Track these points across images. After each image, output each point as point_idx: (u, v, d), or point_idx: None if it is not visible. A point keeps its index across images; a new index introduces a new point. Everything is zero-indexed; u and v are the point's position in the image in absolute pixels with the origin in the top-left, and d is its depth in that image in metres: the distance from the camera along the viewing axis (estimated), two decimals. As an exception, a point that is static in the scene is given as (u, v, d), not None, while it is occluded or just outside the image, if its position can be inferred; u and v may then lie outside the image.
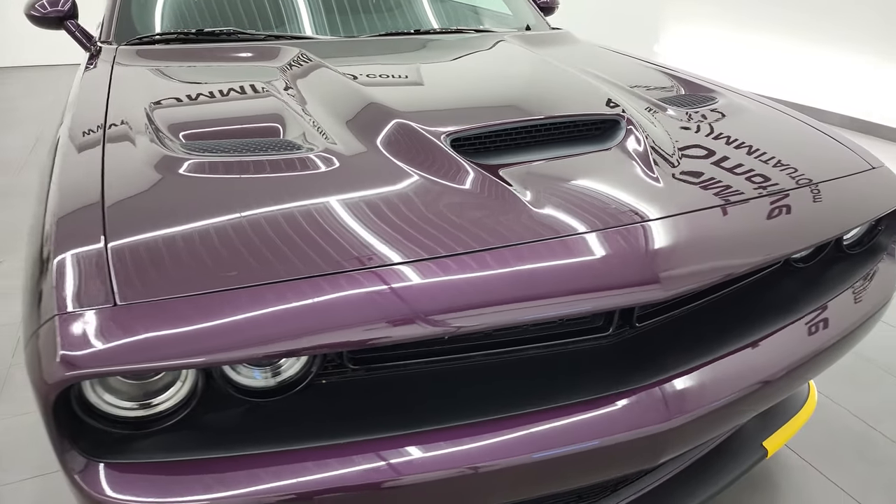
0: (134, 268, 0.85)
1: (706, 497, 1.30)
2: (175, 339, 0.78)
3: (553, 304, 0.89)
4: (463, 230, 0.94)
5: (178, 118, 1.29)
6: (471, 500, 0.93)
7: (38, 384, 0.78)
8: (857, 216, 1.22)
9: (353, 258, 0.88)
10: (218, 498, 0.83)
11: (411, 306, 0.84)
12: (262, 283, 0.83)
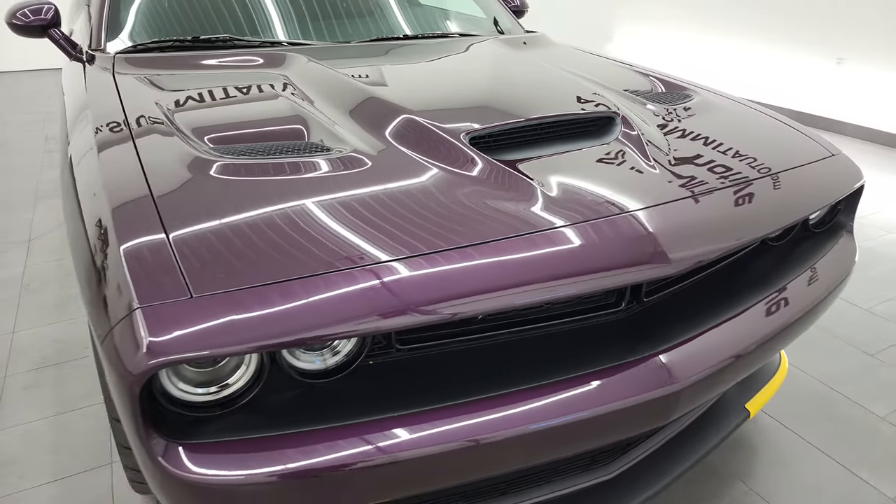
0: (200, 261, 0.92)
1: (700, 456, 1.44)
2: (247, 325, 0.86)
3: (582, 281, 1.00)
4: (498, 219, 1.04)
5: (201, 123, 1.35)
6: (512, 462, 1.03)
7: (123, 376, 0.84)
8: (823, 198, 1.38)
9: (403, 246, 0.97)
10: (282, 470, 0.90)
11: (463, 287, 0.94)
12: (319, 273, 0.92)
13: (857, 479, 1.66)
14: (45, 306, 2.41)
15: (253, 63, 1.77)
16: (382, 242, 0.98)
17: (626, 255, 1.04)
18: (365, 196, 1.09)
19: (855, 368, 2.10)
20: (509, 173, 1.16)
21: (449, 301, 0.93)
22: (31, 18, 2.04)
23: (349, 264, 0.93)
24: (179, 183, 1.10)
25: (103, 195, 1.07)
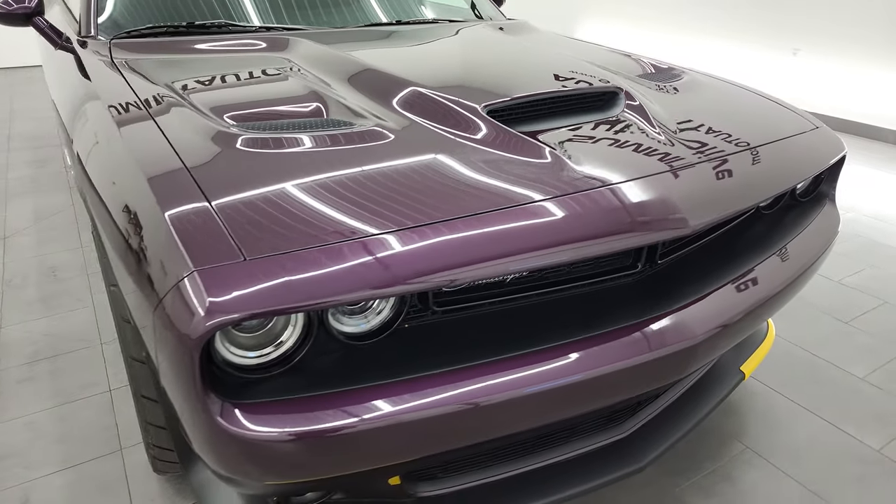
0: (247, 226, 0.94)
1: (704, 414, 1.51)
2: (299, 285, 0.88)
3: (610, 240, 1.05)
4: (528, 185, 1.09)
5: (217, 102, 1.36)
6: (545, 416, 1.08)
7: (182, 340, 0.85)
8: (814, 165, 1.47)
9: (441, 211, 1.00)
10: (330, 427, 0.93)
11: (501, 248, 0.98)
12: (362, 236, 0.95)
13: (845, 434, 1.76)
14: (30, 301, 2.35)
15: (255, 47, 1.78)
16: (420, 207, 1.01)
17: (647, 216, 1.10)
18: (396, 166, 1.12)
19: (832, 335, 2.23)
20: (532, 143, 1.21)
21: (489, 261, 0.97)
22: (14, 7, 2.00)
23: (391, 227, 0.97)
24: (211, 156, 1.11)
25: (137, 171, 1.07)
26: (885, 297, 2.50)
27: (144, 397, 1.25)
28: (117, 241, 1.08)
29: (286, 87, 1.46)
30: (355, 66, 1.56)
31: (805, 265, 1.45)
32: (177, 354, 0.88)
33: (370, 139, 1.20)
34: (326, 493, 1.19)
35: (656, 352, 1.12)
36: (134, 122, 1.24)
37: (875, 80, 4.91)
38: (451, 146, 1.19)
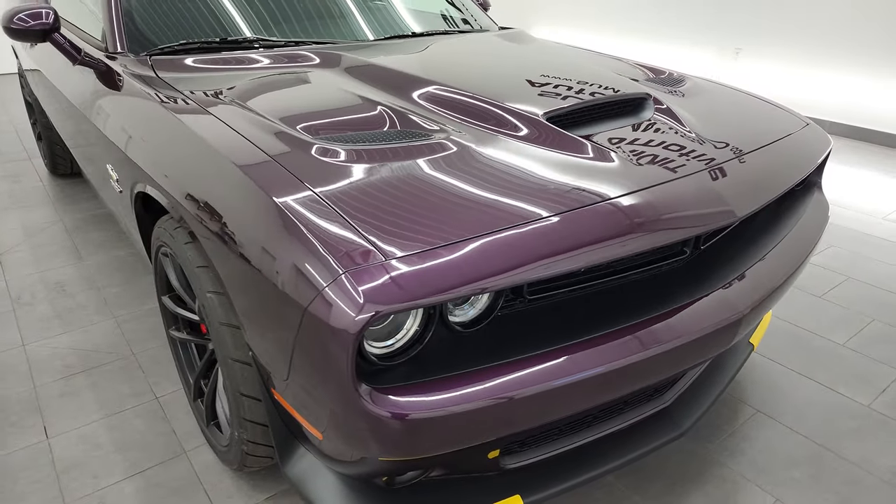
0: (377, 231, 1.05)
1: (728, 382, 1.70)
2: (431, 280, 1.00)
3: (679, 231, 1.21)
4: (602, 183, 1.24)
5: (285, 114, 1.44)
6: (625, 386, 1.23)
7: (338, 335, 0.95)
8: (813, 158, 1.68)
9: (539, 207, 1.14)
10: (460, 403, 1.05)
11: (597, 236, 1.12)
12: (479, 235, 1.07)
13: (837, 394, 2.00)
14: (46, 318, 2.34)
15: (297, 61, 1.85)
16: (518, 206, 1.14)
17: (705, 208, 1.27)
18: (484, 170, 1.24)
19: (809, 308, 2.49)
20: (593, 145, 1.36)
21: (585, 251, 1.12)
22: (31, 23, 1.99)
23: (501, 225, 1.09)
24: (322, 170, 1.20)
25: (259, 193, 1.14)
26: (848, 273, 2.80)
27: (244, 395, 1.33)
28: (235, 255, 1.15)
29: (345, 99, 1.56)
30: (409, 79, 1.67)
31: (811, 243, 1.66)
32: (330, 349, 0.98)
33: (451, 147, 1.32)
34: (425, 471, 1.30)
35: (712, 324, 1.29)
36: (233, 145, 1.31)
37: (815, 77, 5.33)
38: (525, 152, 1.33)
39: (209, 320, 1.33)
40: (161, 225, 1.52)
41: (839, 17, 4.99)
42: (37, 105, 3.33)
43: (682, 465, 1.70)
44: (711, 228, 1.27)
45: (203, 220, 1.25)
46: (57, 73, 2.27)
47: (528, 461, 1.36)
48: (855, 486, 1.65)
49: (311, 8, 2.22)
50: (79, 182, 3.67)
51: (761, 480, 1.66)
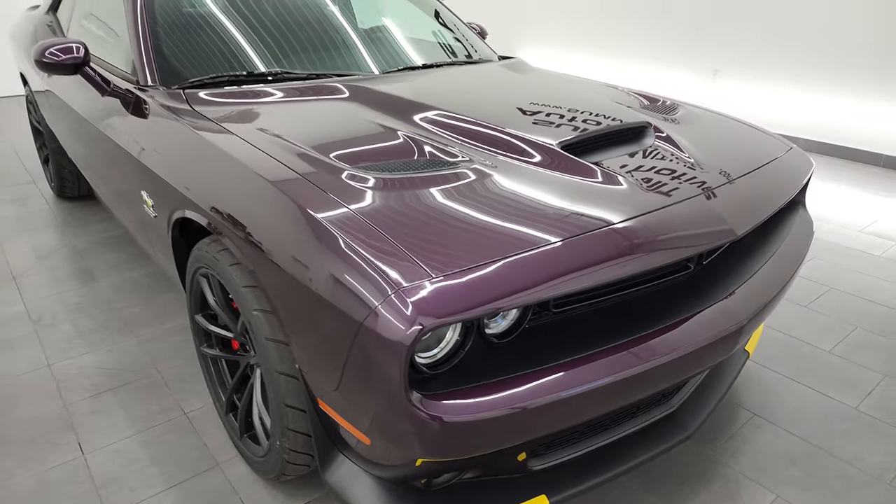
0: (423, 251, 1.16)
1: (727, 387, 1.83)
2: (475, 295, 1.11)
3: (683, 248, 1.34)
4: (617, 205, 1.37)
5: (317, 143, 1.56)
6: (641, 390, 1.35)
7: (393, 347, 1.06)
8: (800, 179, 1.83)
9: (562, 229, 1.26)
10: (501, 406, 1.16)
11: (613, 255, 1.25)
12: (516, 253, 1.19)
13: (827, 397, 2.14)
14: (68, 338, 2.41)
15: (321, 93, 1.97)
16: (543, 228, 1.27)
17: (710, 227, 1.40)
18: (511, 195, 1.37)
19: (797, 317, 2.64)
20: (604, 171, 1.49)
21: (608, 264, 1.24)
22: (62, 57, 2.10)
23: (527, 246, 1.21)
24: (364, 196, 1.32)
25: (312, 219, 1.25)
26: (830, 284, 2.96)
27: (289, 406, 1.42)
28: (286, 275, 1.26)
29: (377, 130, 1.68)
30: (431, 110, 1.80)
31: (799, 256, 1.81)
32: (385, 359, 1.08)
33: (478, 175, 1.45)
34: (460, 472, 1.41)
35: (717, 332, 1.42)
36: (277, 172, 1.42)
37: (789, 97, 5.58)
38: (544, 178, 1.46)
39: (255, 336, 1.43)
40: (201, 247, 1.62)
41: (810, 40, 5.25)
42: (47, 131, 3.41)
43: (689, 466, 1.82)
44: (714, 246, 1.41)
45: (252, 243, 1.36)
46: (83, 102, 2.36)
47: (553, 463, 1.47)
48: (848, 482, 1.78)
49: (329, 42, 2.35)
50: (86, 205, 3.73)
51: (762, 479, 1.79)
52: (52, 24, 3.15)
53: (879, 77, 4.92)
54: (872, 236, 3.55)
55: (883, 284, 2.96)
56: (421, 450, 1.16)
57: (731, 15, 5.81)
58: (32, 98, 3.50)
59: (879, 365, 2.33)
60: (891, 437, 1.96)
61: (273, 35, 2.25)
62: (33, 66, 2.88)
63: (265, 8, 2.35)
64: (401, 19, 2.72)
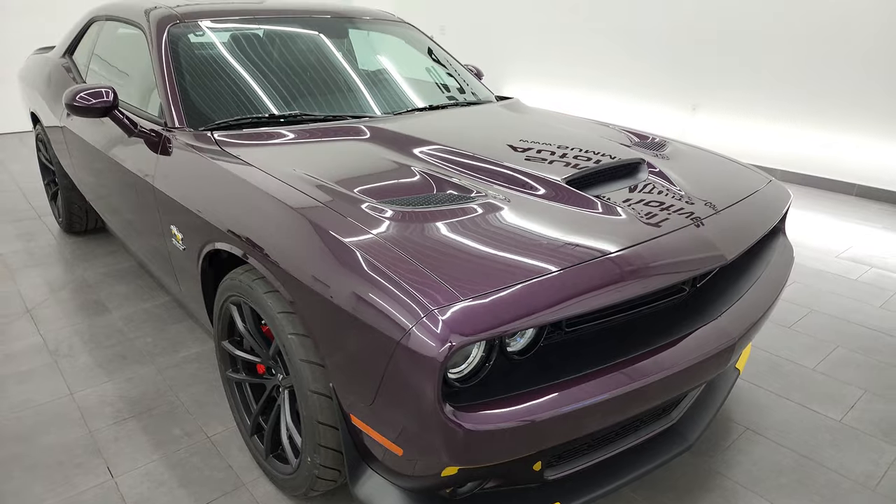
0: (451, 276, 1.30)
1: (722, 401, 1.96)
2: (501, 315, 1.25)
3: (679, 272, 1.49)
4: (616, 235, 1.52)
5: (341, 179, 1.70)
6: (648, 401, 1.48)
7: (428, 363, 1.19)
8: (779, 209, 2.01)
9: (573, 255, 1.41)
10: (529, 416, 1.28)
11: (619, 279, 1.39)
12: (535, 277, 1.33)
13: (813, 411, 2.29)
14: (88, 368, 2.49)
15: (339, 133, 2.12)
16: (555, 255, 1.41)
17: (703, 252, 1.56)
18: (524, 225, 1.51)
19: (782, 337, 2.80)
20: (606, 204, 1.65)
21: (615, 286, 1.38)
22: (92, 101, 2.23)
23: (549, 270, 1.35)
24: (387, 226, 1.46)
25: (350, 249, 1.39)
26: (811, 306, 3.14)
27: (321, 423, 1.53)
28: (324, 300, 1.39)
29: (396, 167, 1.83)
30: (446, 150, 1.95)
31: (782, 279, 1.97)
32: (420, 375, 1.21)
33: (494, 207, 1.59)
34: (482, 483, 1.52)
35: (712, 348, 1.56)
36: (304, 205, 1.56)
37: (765, 130, 5.86)
38: (552, 210, 1.61)
39: (290, 358, 1.54)
40: (234, 277, 1.74)
41: (785, 77, 5.55)
42: (58, 167, 3.52)
43: (689, 477, 1.94)
44: (707, 269, 1.56)
45: (289, 272, 1.48)
46: (107, 142, 2.49)
47: (567, 472, 1.59)
48: (835, 489, 1.92)
49: (344, 86, 2.51)
50: (92, 239, 3.82)
51: (756, 488, 1.91)
52: (68, 67, 3.29)
53: (851, 111, 5.22)
54: (849, 261, 3.75)
55: (860, 306, 3.14)
56: (450, 457, 1.27)
57: (709, 52, 6.12)
58: (44, 136, 3.61)
59: (860, 381, 2.49)
60: (874, 448, 2.10)
61: (291, 80, 2.41)
62: (64, 109, 3.00)
63: (282, 55, 2.52)
64: (406, 64, 2.90)
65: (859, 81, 5.08)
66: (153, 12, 2.51)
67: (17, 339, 2.69)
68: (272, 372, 1.84)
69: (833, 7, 5.11)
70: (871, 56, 4.98)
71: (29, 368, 2.48)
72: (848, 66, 5.12)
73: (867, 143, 5.16)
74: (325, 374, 1.52)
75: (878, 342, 2.80)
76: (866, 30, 4.96)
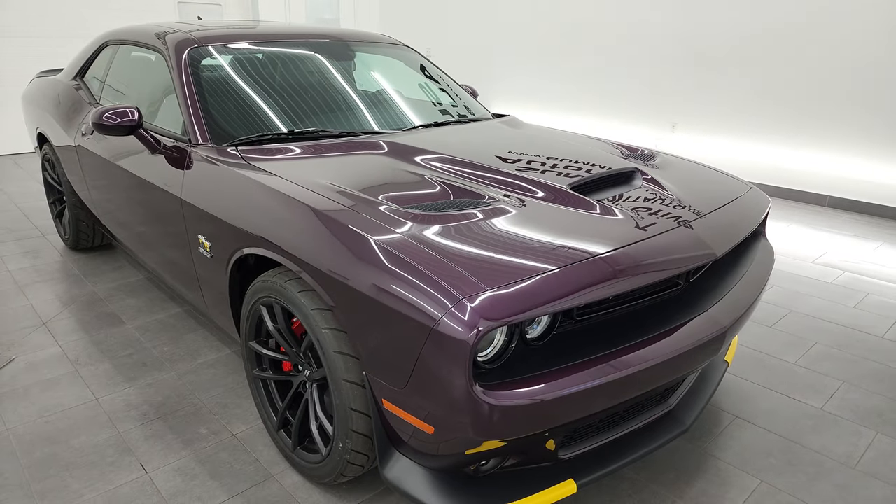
0: (474, 268, 1.45)
1: (713, 390, 2.13)
2: (522, 303, 1.41)
3: (674, 267, 1.67)
4: (621, 233, 1.69)
5: (363, 188, 1.86)
6: (650, 384, 1.64)
7: (461, 346, 1.34)
8: (759, 213, 2.20)
9: (584, 251, 1.58)
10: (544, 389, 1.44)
11: (623, 272, 1.56)
12: (546, 271, 1.49)
13: (795, 400, 2.47)
14: (109, 375, 2.58)
15: (356, 148, 2.29)
16: (567, 251, 1.58)
17: (697, 249, 1.73)
18: (537, 224, 1.68)
19: (764, 336, 2.99)
20: (607, 207, 1.83)
21: (621, 279, 1.55)
22: (118, 120, 2.36)
23: (561, 262, 1.52)
24: (412, 227, 1.62)
25: (382, 250, 1.54)
26: (790, 307, 3.34)
27: (354, 410, 1.67)
28: (359, 295, 1.53)
29: (414, 178, 1.99)
30: (456, 161, 2.12)
31: (765, 275, 2.16)
32: (452, 357, 1.36)
33: (508, 210, 1.76)
34: (504, 460, 1.66)
35: (706, 335, 1.73)
36: (338, 211, 1.71)
37: (740, 146, 6.14)
38: (561, 212, 1.78)
39: (324, 351, 1.68)
40: (265, 279, 1.88)
41: (760, 96, 5.85)
42: (67, 186, 3.62)
43: (685, 460, 2.10)
44: (700, 264, 1.74)
45: (325, 272, 1.63)
46: (128, 160, 2.62)
47: (578, 452, 1.74)
48: (819, 468, 2.09)
49: (356, 105, 2.68)
50: (98, 255, 3.92)
51: (748, 468, 2.08)
52: (79, 88, 3.42)
53: (824, 130, 5.52)
54: (823, 266, 3.99)
55: (835, 307, 3.36)
56: (479, 431, 1.41)
57: (686, 74, 6.42)
58: (52, 156, 3.72)
59: (838, 373, 2.68)
60: (852, 431, 2.29)
61: (304, 99, 2.57)
62: (78, 129, 3.13)
63: (292, 76, 2.68)
64: (410, 84, 3.08)
65: (826, 101, 5.39)
66: (170, 36, 2.67)
67: (37, 350, 2.77)
68: (299, 368, 1.97)
69: (796, 34, 5.44)
70: (832, 79, 5.29)
71: (52, 377, 2.57)
72: (814, 89, 5.43)
73: (836, 158, 5.45)
74: (358, 364, 1.66)
75: (852, 339, 3.00)
76: (828, 54, 5.28)
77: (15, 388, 2.48)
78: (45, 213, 4.79)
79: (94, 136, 2.99)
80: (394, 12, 9.77)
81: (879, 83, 5.07)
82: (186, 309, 3.20)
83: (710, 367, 2.26)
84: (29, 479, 1.99)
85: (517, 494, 1.65)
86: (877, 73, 5.07)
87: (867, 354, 2.85)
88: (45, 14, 6.84)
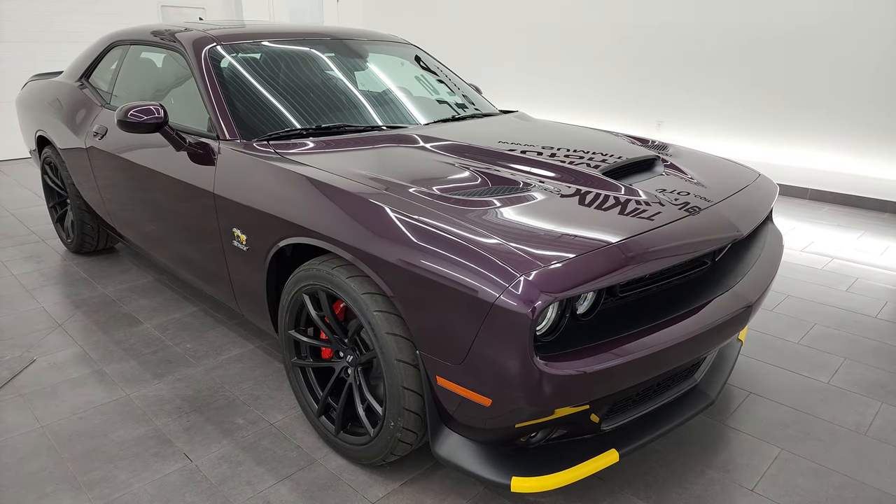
0: (527, 248, 1.54)
1: (731, 367, 2.25)
2: (576, 278, 1.49)
3: (709, 245, 1.78)
4: (655, 214, 1.79)
5: (401, 179, 1.93)
6: (689, 354, 1.74)
7: (521, 320, 1.42)
8: (770, 199, 2.33)
9: (626, 230, 1.67)
10: (597, 359, 1.52)
11: (666, 249, 1.66)
12: (594, 248, 1.58)
13: (802, 376, 2.60)
14: (136, 372, 2.60)
15: (385, 141, 2.35)
16: (608, 230, 1.67)
17: (725, 229, 1.84)
18: (580, 206, 1.77)
19: (767, 319, 3.13)
20: (636, 190, 1.93)
21: (662, 256, 1.65)
22: (144, 118, 2.38)
23: (602, 244, 1.61)
24: (465, 212, 1.69)
25: (446, 236, 1.61)
26: (787, 293, 3.49)
27: (406, 388, 1.73)
28: (415, 276, 1.60)
29: (452, 169, 2.07)
30: (488, 152, 2.21)
31: (779, 254, 2.28)
32: (513, 331, 1.44)
33: (549, 194, 1.85)
34: (551, 432, 1.74)
35: (735, 310, 1.84)
36: (390, 199, 1.78)
37: (724, 143, 6.35)
38: (598, 196, 1.87)
39: (376, 333, 1.74)
40: (308, 268, 1.93)
41: (733, 98, 6.06)
42: (71, 188, 3.60)
43: (709, 433, 2.21)
44: (727, 242, 1.85)
45: (380, 256, 1.69)
46: (151, 158, 2.64)
47: (618, 424, 1.83)
48: (833, 436, 2.21)
49: (378, 101, 2.75)
50: (102, 259, 3.90)
51: (768, 438, 2.19)
52: (84, 89, 3.42)
53: (803, 128, 5.74)
54: (812, 254, 4.16)
55: (829, 291, 3.52)
56: (535, 401, 1.49)
57: (672, 73, 6.61)
58: (55, 159, 3.70)
59: (839, 350, 2.83)
60: (859, 402, 2.42)
61: (324, 95, 2.63)
62: (94, 131, 3.14)
63: (313, 73, 2.74)
64: (417, 80, 3.16)
65: (808, 99, 5.61)
66: (186, 35, 2.71)
67: (58, 350, 2.77)
68: (340, 354, 2.03)
69: (782, 38, 5.66)
70: (813, 79, 5.52)
71: (78, 375, 2.57)
72: (791, 91, 5.66)
73: (817, 154, 5.68)
74: (409, 343, 1.72)
75: (848, 319, 3.16)
76: (808, 54, 5.51)
77: (42, 387, 2.48)
78: (41, 218, 4.74)
79: (108, 137, 3.00)
80: (377, 15, 9.84)
81: (855, 85, 5.31)
82: (203, 308, 3.22)
83: (727, 346, 2.37)
84: (74, 472, 2.00)
85: (565, 465, 1.73)
86: (853, 76, 5.30)
87: (864, 333, 3.01)
88: (23, 19, 6.76)
